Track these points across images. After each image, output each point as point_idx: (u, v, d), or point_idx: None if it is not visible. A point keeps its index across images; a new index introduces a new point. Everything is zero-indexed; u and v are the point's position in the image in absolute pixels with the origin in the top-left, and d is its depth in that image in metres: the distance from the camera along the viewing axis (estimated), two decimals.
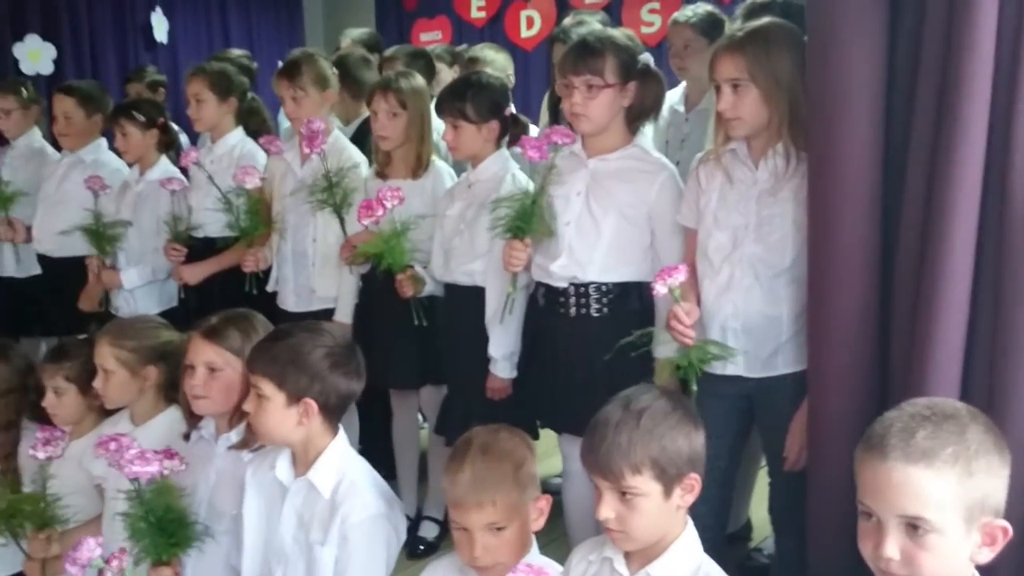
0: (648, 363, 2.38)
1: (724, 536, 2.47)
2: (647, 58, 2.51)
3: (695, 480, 1.64)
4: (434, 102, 3.12)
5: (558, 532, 2.61)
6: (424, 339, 2.98)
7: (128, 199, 3.58)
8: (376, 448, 3.07)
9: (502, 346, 2.70)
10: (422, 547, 3.15)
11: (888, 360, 1.90)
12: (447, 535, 3.16)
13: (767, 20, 2.20)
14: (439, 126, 3.06)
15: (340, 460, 1.99)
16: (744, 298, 2.18)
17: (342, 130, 3.51)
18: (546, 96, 3.88)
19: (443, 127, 2.90)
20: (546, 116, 3.72)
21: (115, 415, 2.48)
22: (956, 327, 1.71)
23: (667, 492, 1.60)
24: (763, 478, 2.50)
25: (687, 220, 2.35)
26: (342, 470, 1.97)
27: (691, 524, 1.69)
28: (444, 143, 2.97)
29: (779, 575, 2.38)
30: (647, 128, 2.64)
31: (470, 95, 2.77)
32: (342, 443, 2.02)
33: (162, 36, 6.04)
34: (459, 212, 2.85)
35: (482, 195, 2.76)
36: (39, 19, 5.40)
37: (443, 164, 3.13)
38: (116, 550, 1.95)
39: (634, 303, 2.46)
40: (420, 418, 3.49)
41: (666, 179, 2.45)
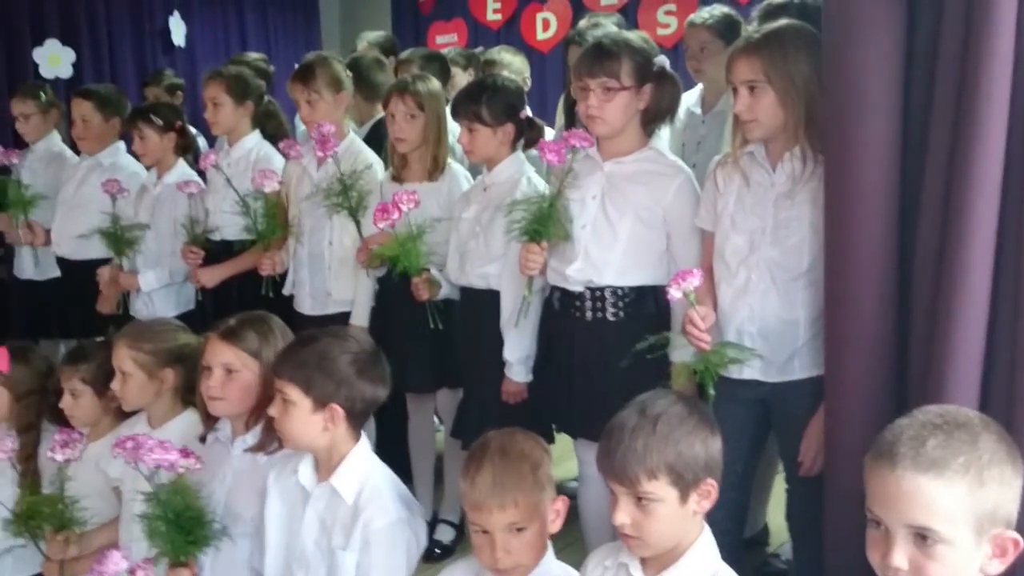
0: (664, 367, 2.37)
1: (741, 541, 2.46)
2: (663, 60, 2.50)
3: (712, 486, 1.63)
4: (449, 105, 3.13)
5: (574, 536, 2.60)
6: (440, 342, 2.98)
7: (146, 202, 3.60)
8: (392, 451, 3.05)
9: (517, 350, 2.69)
10: (438, 550, 3.14)
11: (906, 365, 1.88)
12: (463, 538, 3.17)
13: (784, 22, 2.19)
14: (454, 129, 3.06)
15: (363, 466, 1.99)
16: (760, 302, 2.17)
17: (356, 131, 3.52)
18: (562, 98, 3.88)
19: (458, 130, 2.90)
20: (562, 118, 3.72)
21: (132, 418, 2.49)
22: (975, 330, 1.70)
23: (683, 498, 1.60)
24: (780, 483, 2.48)
25: (704, 223, 2.34)
26: (365, 476, 1.97)
27: (707, 530, 1.68)
28: (460, 146, 2.97)
29: None
30: (663, 131, 2.63)
31: (485, 98, 2.77)
32: (365, 449, 2.02)
33: (180, 40, 6.08)
34: (475, 215, 2.85)
35: (497, 198, 2.76)
36: (58, 23, 5.44)
37: (459, 167, 3.13)
38: (134, 552, 1.97)
39: (650, 307, 2.45)
40: (436, 421, 3.50)
41: (682, 182, 2.45)
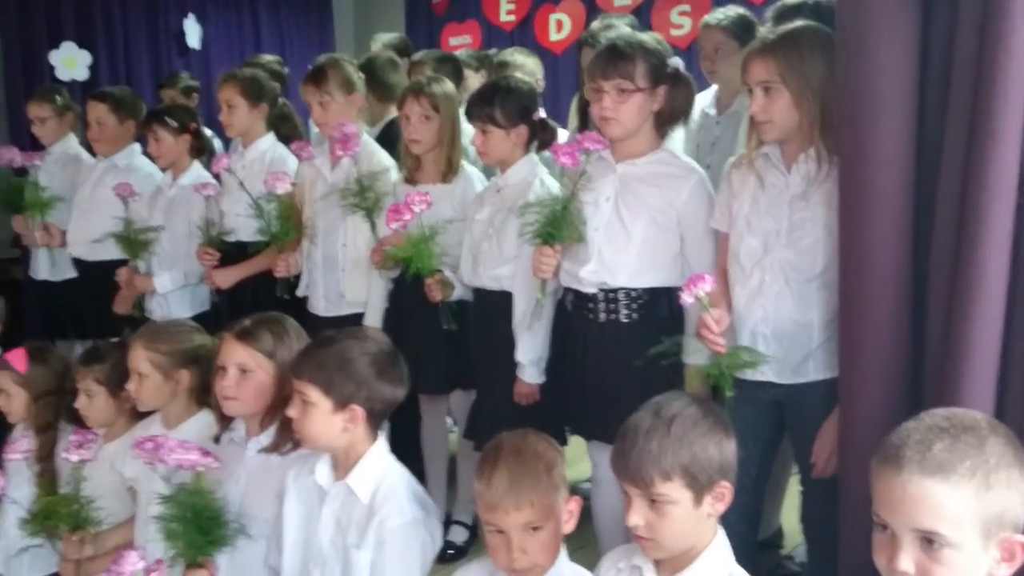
0: (678, 369, 2.37)
1: (755, 544, 2.45)
2: (677, 62, 2.50)
3: (726, 488, 1.63)
4: (462, 107, 3.13)
5: (587, 538, 2.60)
6: (453, 344, 2.98)
7: (161, 204, 3.62)
8: (405, 452, 3.05)
9: (530, 351, 2.69)
10: (451, 551, 3.15)
11: (921, 367, 1.87)
12: (476, 539, 3.18)
13: (799, 23, 2.18)
14: (468, 131, 3.06)
15: (379, 466, 1.99)
16: (774, 304, 2.16)
17: (368, 132, 3.53)
18: (575, 99, 3.88)
19: (472, 132, 2.90)
20: (575, 120, 3.72)
21: (147, 418, 2.50)
22: (991, 330, 1.68)
23: (697, 500, 1.59)
24: (795, 485, 2.47)
25: (719, 224, 2.33)
26: (381, 476, 1.98)
27: (722, 532, 1.68)
28: (473, 147, 2.97)
29: None
30: (676, 132, 2.62)
31: (498, 100, 2.77)
32: (382, 449, 2.03)
33: (195, 42, 6.11)
34: (488, 217, 2.85)
35: (511, 200, 2.76)
36: (74, 26, 5.48)
37: (473, 169, 3.13)
38: (150, 552, 1.98)
39: (663, 309, 2.45)
40: (449, 422, 3.50)
41: (695, 183, 2.44)
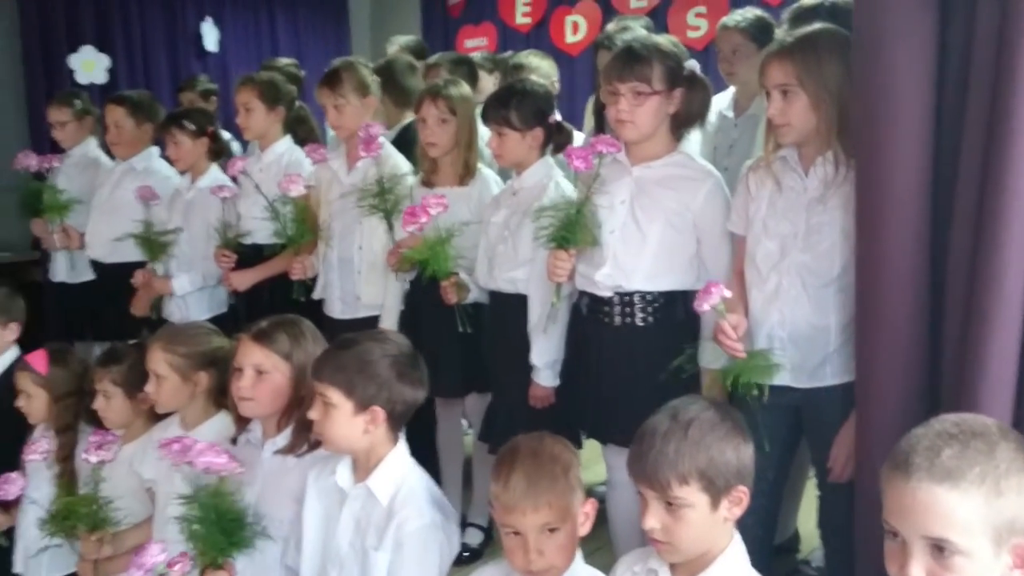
0: (695, 373, 2.36)
1: (771, 548, 2.44)
2: (693, 64, 2.50)
3: (743, 493, 1.62)
4: (478, 109, 3.14)
5: (603, 541, 2.59)
6: (469, 347, 2.98)
7: (179, 206, 3.65)
8: (420, 455, 3.06)
9: (545, 354, 2.69)
10: (466, 554, 3.15)
11: (938, 371, 1.86)
12: (491, 542, 3.18)
13: (818, 26, 2.17)
14: (484, 133, 3.07)
15: (400, 469, 2.00)
16: (791, 307, 2.16)
17: (384, 135, 3.54)
18: (590, 101, 3.88)
19: (488, 134, 2.90)
20: (591, 122, 3.72)
21: (165, 420, 2.51)
22: (1009, 335, 1.67)
23: (714, 504, 1.59)
24: (812, 489, 2.46)
25: (736, 227, 2.33)
26: (401, 479, 1.98)
27: (738, 537, 1.67)
28: (488, 150, 2.98)
29: None
30: (693, 134, 2.62)
31: (514, 102, 2.78)
32: (402, 452, 2.03)
33: (212, 45, 6.14)
34: (503, 219, 2.85)
35: (526, 202, 2.76)
36: (93, 30, 5.52)
37: (490, 171, 3.14)
38: (171, 553, 1.99)
39: (679, 312, 2.44)
40: (464, 425, 3.50)
41: (712, 186, 2.44)
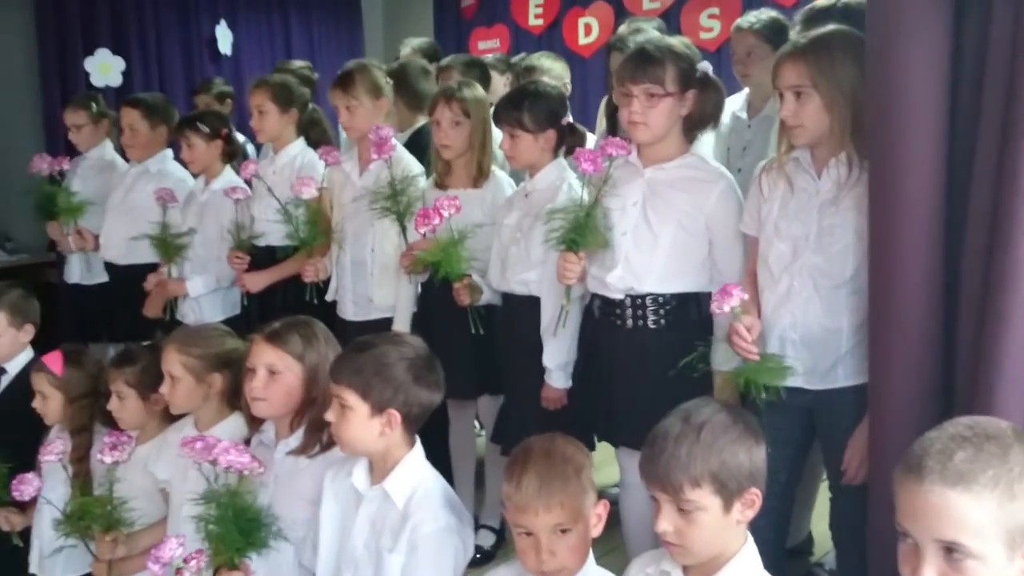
0: (707, 375, 2.35)
1: (784, 550, 2.44)
2: (706, 66, 2.49)
3: (756, 495, 1.62)
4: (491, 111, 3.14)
5: (615, 543, 2.59)
6: (482, 348, 2.99)
7: (193, 209, 3.66)
8: (433, 457, 3.07)
9: (556, 356, 2.69)
10: (478, 555, 3.15)
11: (953, 373, 1.85)
12: (504, 543, 3.18)
13: (831, 27, 2.17)
14: (496, 135, 3.07)
15: (416, 471, 2.00)
16: (803, 309, 2.15)
17: (397, 138, 3.55)
18: (603, 103, 3.88)
19: (501, 136, 2.91)
20: (603, 123, 3.71)
21: (179, 421, 2.52)
22: None
23: (727, 507, 1.59)
24: (825, 491, 2.45)
25: (749, 228, 2.32)
26: (417, 481, 1.98)
27: (751, 539, 1.67)
28: (500, 152, 2.98)
29: None
30: (705, 136, 2.62)
31: (527, 104, 2.78)
32: (419, 455, 2.03)
33: (226, 48, 6.16)
34: (516, 221, 2.85)
35: (539, 204, 2.76)
36: (109, 34, 5.55)
37: (503, 173, 3.14)
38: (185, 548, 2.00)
39: (692, 314, 2.44)
40: (476, 426, 3.50)
41: (724, 188, 2.43)
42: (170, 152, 3.96)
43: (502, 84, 4.23)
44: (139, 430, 2.57)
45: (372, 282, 3.21)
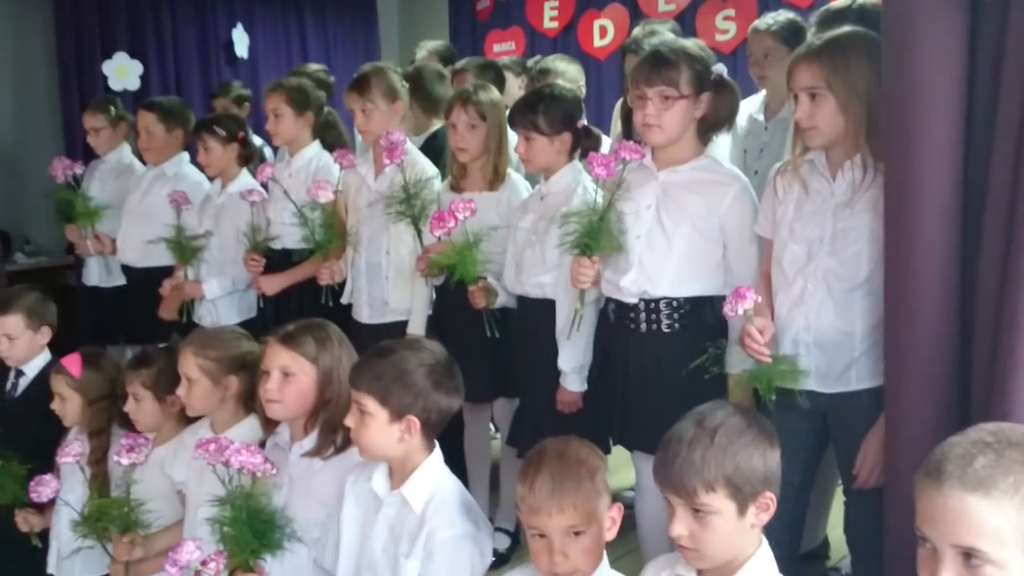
0: (721, 379, 2.35)
1: (798, 554, 2.43)
2: (720, 68, 2.49)
3: (770, 499, 1.61)
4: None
5: (630, 546, 2.59)
6: (497, 351, 2.99)
7: (210, 211, 3.68)
8: (448, 459, 3.07)
9: (572, 359, 2.69)
10: (493, 558, 3.14)
11: (969, 376, 1.84)
12: (518, 546, 3.18)
13: (846, 29, 2.16)
14: (512, 138, 3.07)
15: (434, 477, 2.00)
16: (816, 312, 2.14)
17: (412, 141, 3.56)
18: (618, 105, 3.87)
19: (516, 139, 2.91)
20: (618, 126, 3.71)
21: (196, 423, 2.53)
22: None
23: (741, 510, 1.58)
24: (841, 495, 2.44)
25: (763, 230, 2.32)
26: (435, 487, 1.98)
27: (766, 543, 1.66)
28: (515, 154, 2.98)
29: None
30: (721, 138, 2.61)
31: (542, 107, 2.78)
32: (437, 460, 2.03)
33: (243, 52, 6.20)
34: (531, 224, 2.86)
35: (554, 207, 2.76)
36: (127, 37, 5.59)
37: (519, 176, 3.14)
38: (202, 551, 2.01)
39: (708, 317, 2.43)
40: (492, 429, 3.50)
41: (738, 191, 2.43)
42: (186, 155, 3.98)
43: (517, 86, 4.23)
44: (155, 432, 2.58)
45: (387, 285, 3.21)
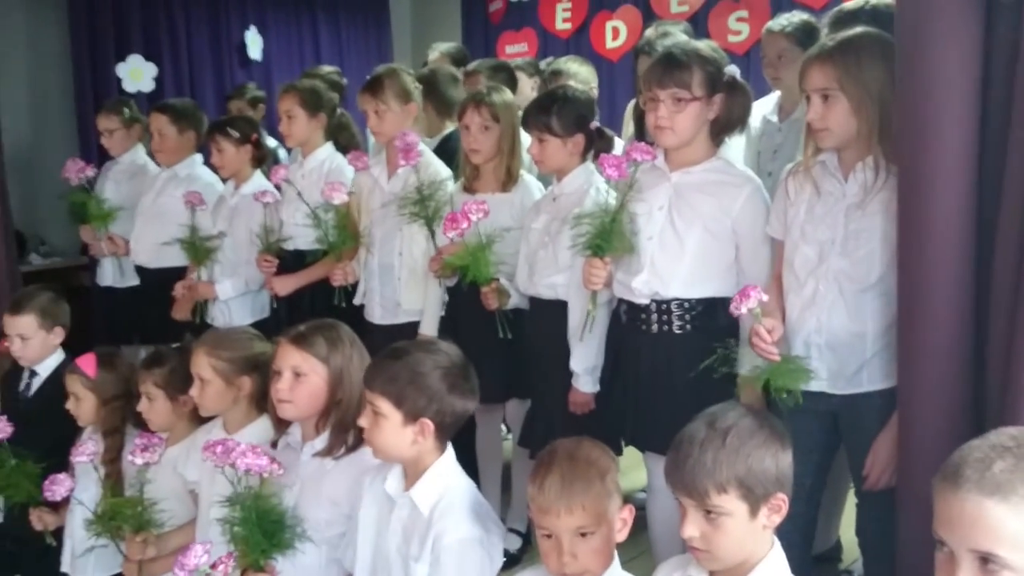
0: (733, 381, 2.34)
1: (810, 556, 2.42)
2: (733, 70, 2.48)
3: (782, 500, 1.61)
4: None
5: (642, 548, 2.59)
6: (510, 352, 2.99)
7: (223, 212, 3.70)
8: (459, 459, 3.08)
9: (584, 360, 2.69)
10: (504, 559, 3.14)
11: (984, 378, 1.83)
12: (530, 547, 3.18)
13: (859, 30, 2.15)
14: (524, 139, 3.07)
15: (443, 479, 1.99)
16: (828, 314, 2.14)
17: (426, 143, 3.56)
18: (630, 106, 3.87)
19: (529, 140, 2.91)
20: (630, 127, 3.71)
21: (209, 423, 2.54)
22: None
23: (753, 512, 1.58)
24: (852, 498, 2.43)
25: (775, 232, 2.31)
26: (443, 489, 1.97)
27: (778, 545, 1.65)
28: (528, 155, 2.98)
29: None
30: (735, 140, 2.61)
31: (556, 109, 2.78)
32: (448, 461, 2.02)
33: (256, 54, 6.22)
34: (544, 225, 2.86)
35: (566, 208, 2.76)
36: (141, 40, 5.62)
37: (532, 178, 3.14)
38: (214, 555, 2.01)
39: (721, 319, 2.41)
40: (504, 430, 3.50)
41: (751, 192, 2.42)
42: (199, 157, 4.00)
43: (529, 87, 4.24)
44: (168, 431, 2.60)
45: (400, 286, 3.22)
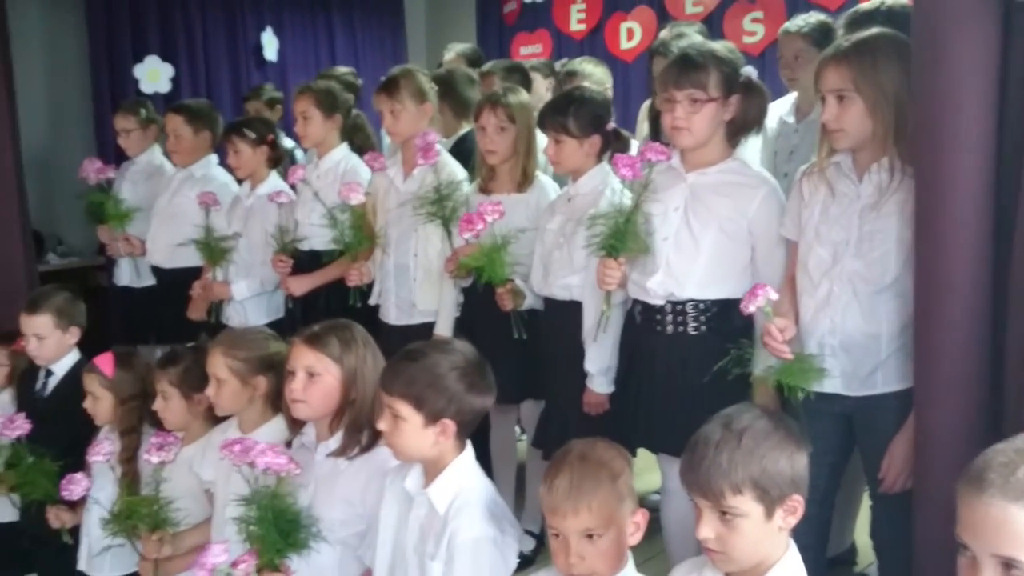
0: (748, 382, 2.33)
1: (825, 558, 2.41)
2: (749, 71, 2.48)
3: (798, 502, 1.60)
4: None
5: (657, 550, 2.58)
6: (525, 353, 2.99)
7: (239, 213, 3.71)
8: None
9: (598, 361, 2.69)
10: (518, 559, 3.14)
11: (1002, 379, 1.82)
12: (544, 548, 3.17)
13: (875, 31, 2.15)
14: (540, 140, 3.08)
15: (460, 477, 1.99)
16: (842, 315, 2.13)
17: (442, 144, 3.57)
18: (644, 107, 3.86)
19: (544, 141, 2.91)
20: (645, 127, 3.70)
21: (224, 423, 2.55)
22: None
23: (769, 513, 1.57)
24: (867, 500, 2.42)
25: (789, 232, 2.31)
26: (459, 487, 1.97)
27: (794, 546, 1.65)
28: (544, 156, 2.98)
29: None
30: (751, 141, 2.60)
31: (572, 110, 2.78)
32: (466, 460, 2.02)
33: (272, 55, 6.25)
34: (559, 226, 2.86)
35: (582, 209, 2.76)
36: (158, 41, 5.66)
37: (547, 178, 3.14)
38: (230, 554, 2.02)
39: (734, 320, 2.41)
40: (518, 431, 3.50)
41: (767, 193, 2.42)
42: (214, 157, 4.01)
43: (544, 88, 4.24)
44: (184, 430, 2.60)
45: (415, 286, 3.22)
